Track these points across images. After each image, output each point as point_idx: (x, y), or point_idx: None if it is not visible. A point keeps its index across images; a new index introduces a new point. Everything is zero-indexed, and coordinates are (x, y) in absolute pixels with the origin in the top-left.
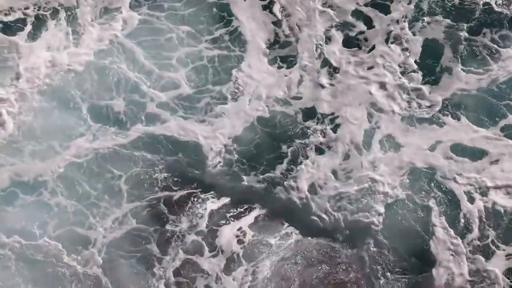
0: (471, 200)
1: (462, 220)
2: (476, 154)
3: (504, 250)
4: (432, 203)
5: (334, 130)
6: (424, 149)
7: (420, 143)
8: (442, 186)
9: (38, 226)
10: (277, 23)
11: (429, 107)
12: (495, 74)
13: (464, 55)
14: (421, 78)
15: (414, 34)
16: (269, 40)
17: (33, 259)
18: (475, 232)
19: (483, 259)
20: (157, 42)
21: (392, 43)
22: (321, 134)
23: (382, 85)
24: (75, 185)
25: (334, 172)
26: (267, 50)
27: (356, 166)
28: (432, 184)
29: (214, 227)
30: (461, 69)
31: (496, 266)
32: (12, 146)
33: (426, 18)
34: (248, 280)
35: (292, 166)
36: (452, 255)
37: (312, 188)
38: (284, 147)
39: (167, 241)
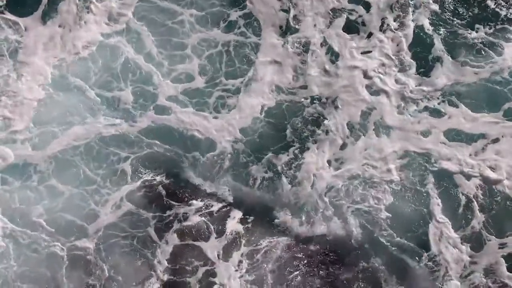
0: (468, 186)
1: (459, 207)
2: (474, 139)
3: (498, 239)
4: (428, 188)
5: (334, 117)
6: (421, 135)
7: (417, 129)
8: (438, 172)
9: (34, 209)
10: (285, 9)
11: (426, 94)
12: (498, 65)
13: (462, 47)
14: (416, 65)
15: (409, 22)
16: (280, 27)
17: (26, 243)
18: (470, 220)
19: (477, 247)
20: (166, 26)
21: (386, 30)
22: (322, 122)
23: (379, 72)
24: (76, 168)
25: (332, 160)
26: (278, 38)
27: (353, 153)
28: (429, 170)
29: (214, 215)
30: (460, 59)
31: (489, 255)
32: (20, 131)
33: (421, 5)
34: (245, 267)
35: (295, 156)
36: (448, 243)
37: (312, 178)
38: (289, 137)
39: (166, 226)
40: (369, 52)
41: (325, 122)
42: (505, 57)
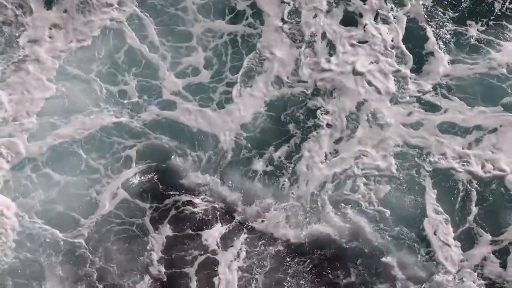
0: (463, 180)
1: (454, 201)
2: (469, 131)
3: (490, 235)
4: (423, 182)
5: (331, 110)
6: (416, 127)
7: (411, 121)
8: (433, 165)
9: (32, 197)
10: (286, 1)
11: (420, 87)
12: (495, 61)
13: (457, 41)
14: (411, 58)
15: (402, 15)
16: (282, 19)
17: (24, 230)
18: (464, 214)
19: (470, 243)
20: (170, 13)
21: (381, 23)
22: (320, 115)
23: (374, 65)
24: (78, 158)
25: (328, 154)
26: (279, 31)
27: (348, 146)
28: (424, 163)
29: (213, 208)
30: (455, 54)
31: (482, 250)
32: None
33: None
34: (243, 257)
35: (295, 150)
36: (442, 238)
37: (310, 172)
38: (289, 131)
39: (163, 216)
40: (366, 42)
41: (322, 115)
42: (503, 53)
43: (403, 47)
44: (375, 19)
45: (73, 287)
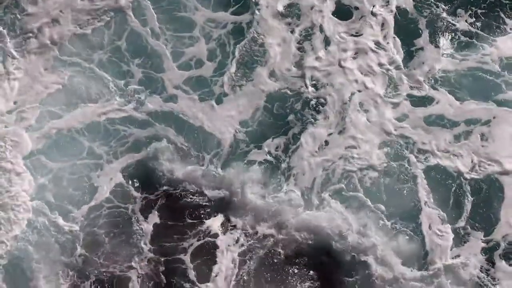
0: (453, 171)
1: (447, 197)
2: (459, 125)
3: (480, 230)
4: (415, 175)
5: (325, 103)
6: (405, 120)
7: (405, 115)
8: (424, 156)
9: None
10: None
11: (413, 81)
12: (489, 56)
13: (450, 34)
14: (403, 51)
15: (394, 7)
16: (281, 14)
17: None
18: (457, 211)
19: (461, 239)
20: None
21: (374, 15)
22: (315, 107)
23: (366, 57)
24: (79, 145)
25: (321, 148)
26: (278, 24)
27: (339, 140)
28: (413, 154)
29: (211, 197)
30: (448, 48)
31: (473, 247)
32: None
33: None
34: (240, 246)
35: (292, 143)
36: (434, 233)
37: (306, 166)
38: (286, 124)
39: (151, 205)
40: (360, 35)
41: (317, 108)
42: (496, 47)
43: (396, 40)
44: (371, 12)
45: (67, 271)
